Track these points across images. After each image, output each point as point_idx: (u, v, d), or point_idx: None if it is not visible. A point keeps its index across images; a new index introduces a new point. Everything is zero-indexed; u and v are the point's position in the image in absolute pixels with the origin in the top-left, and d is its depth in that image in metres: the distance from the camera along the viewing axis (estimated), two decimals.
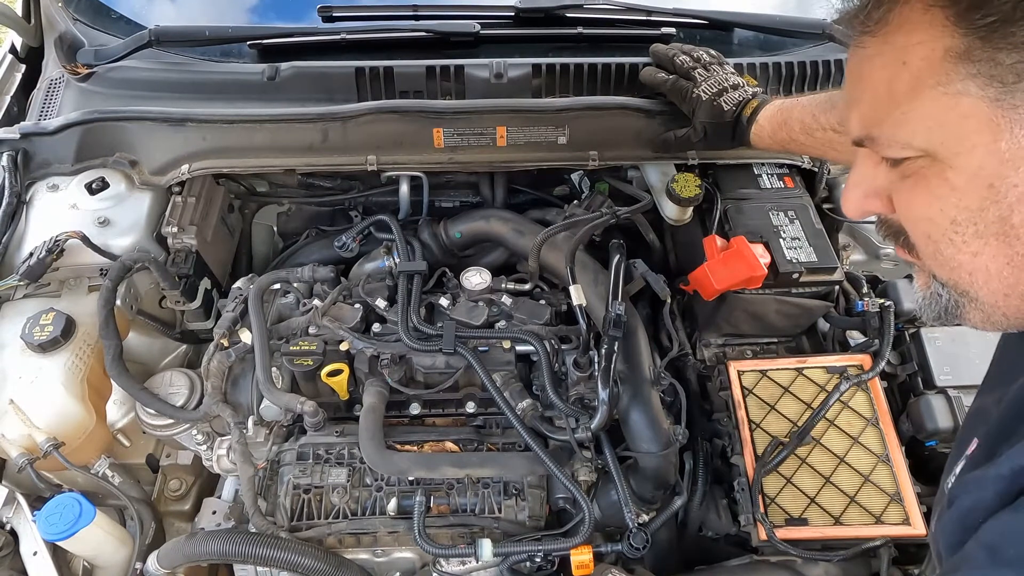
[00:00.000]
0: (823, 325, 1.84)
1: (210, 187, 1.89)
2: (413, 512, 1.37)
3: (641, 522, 1.41)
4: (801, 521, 1.50)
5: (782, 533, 1.46)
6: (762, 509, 1.49)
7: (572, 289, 1.52)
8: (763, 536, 1.46)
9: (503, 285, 1.70)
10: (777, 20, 1.90)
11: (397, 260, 1.69)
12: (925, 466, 1.61)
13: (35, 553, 1.42)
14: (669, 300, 1.63)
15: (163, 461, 1.76)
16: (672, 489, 1.51)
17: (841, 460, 1.56)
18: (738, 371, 1.70)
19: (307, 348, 1.53)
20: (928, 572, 1.49)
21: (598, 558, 1.43)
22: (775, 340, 1.87)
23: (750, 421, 1.63)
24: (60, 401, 1.51)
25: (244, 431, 1.50)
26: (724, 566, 1.50)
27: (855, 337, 1.77)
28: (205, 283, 1.81)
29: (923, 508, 1.49)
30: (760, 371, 1.70)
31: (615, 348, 1.46)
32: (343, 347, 1.56)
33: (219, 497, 1.62)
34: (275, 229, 2.19)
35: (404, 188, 1.89)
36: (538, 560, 1.35)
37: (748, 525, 1.50)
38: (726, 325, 1.78)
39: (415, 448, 1.51)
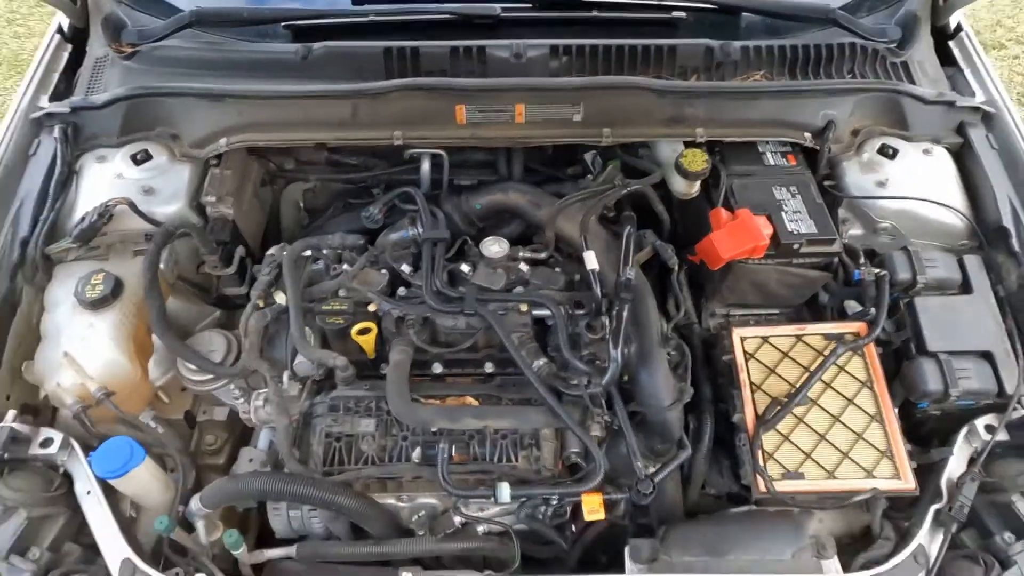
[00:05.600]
0: (823, 297, 1.94)
1: (245, 161, 2.00)
2: (437, 459, 1.48)
3: (648, 472, 1.52)
4: (798, 475, 1.60)
5: (780, 486, 1.57)
6: (762, 464, 1.60)
7: (586, 255, 1.63)
8: (763, 488, 1.57)
9: (520, 254, 1.80)
10: (784, 5, 1.99)
11: (421, 229, 1.80)
12: (916, 429, 1.71)
13: (88, 492, 1.54)
14: (677, 268, 1.73)
15: (200, 417, 1.87)
16: (678, 443, 1.61)
17: (836, 419, 1.66)
18: (741, 337, 1.80)
19: (338, 308, 1.64)
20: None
21: (609, 507, 1.55)
22: (776, 311, 1.97)
23: (751, 384, 1.73)
24: (109, 355, 1.63)
25: (280, 385, 1.62)
26: (726, 514, 1.61)
27: (853, 307, 1.87)
28: (240, 251, 1.92)
29: (913, 464, 1.59)
30: (762, 337, 1.80)
31: (625, 310, 1.57)
32: (371, 308, 1.68)
33: (255, 448, 1.74)
34: (301, 205, 2.29)
35: (425, 166, 1.99)
36: (553, 503, 1.46)
37: (748, 478, 1.60)
38: (730, 295, 1.89)
39: (438, 402, 1.62)
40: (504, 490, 1.44)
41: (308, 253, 1.82)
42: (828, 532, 1.51)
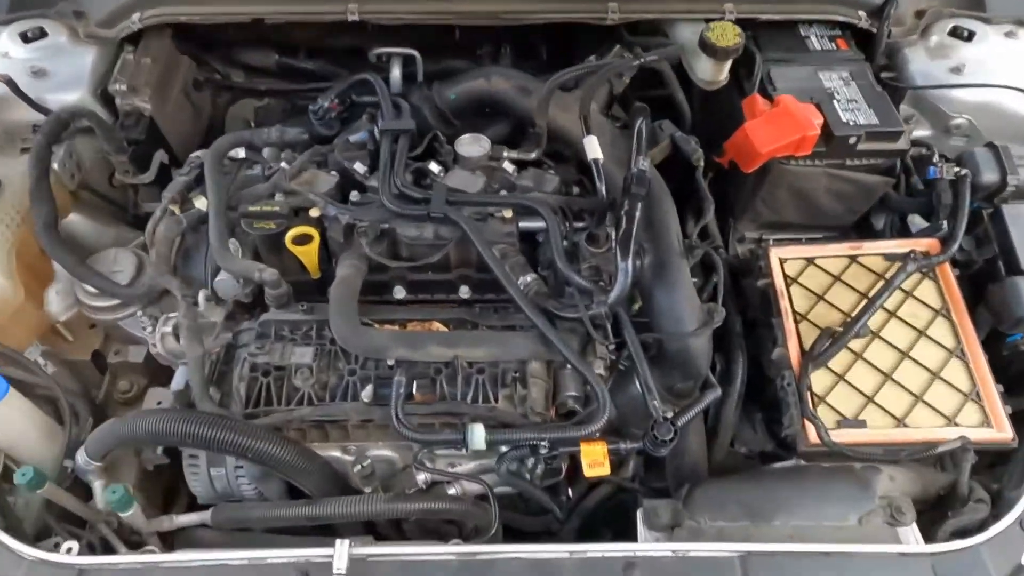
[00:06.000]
0: (878, 221, 1.58)
1: (170, 53, 1.64)
2: (390, 398, 1.12)
3: (667, 416, 1.16)
4: (858, 423, 1.25)
5: (836, 435, 1.21)
6: (812, 408, 1.24)
7: (587, 142, 1.27)
8: (813, 438, 1.21)
9: (505, 154, 1.44)
10: None
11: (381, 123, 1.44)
12: (1006, 368, 1.35)
13: None
14: (702, 164, 1.36)
15: (111, 359, 1.51)
16: (703, 383, 1.26)
17: (905, 355, 1.31)
18: (780, 259, 1.44)
19: (270, 209, 1.29)
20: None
21: (615, 465, 1.20)
22: (819, 235, 1.62)
23: (795, 312, 1.37)
24: None
25: (194, 307, 1.26)
26: (766, 470, 1.25)
27: (918, 224, 1.51)
28: (161, 156, 1.57)
29: (1008, 409, 1.24)
30: (806, 259, 1.44)
31: (638, 209, 1.21)
32: (313, 213, 1.32)
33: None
34: (252, 125, 1.94)
35: (396, 72, 1.64)
36: (543, 452, 1.10)
37: (793, 427, 1.25)
38: (766, 209, 1.53)
39: (396, 327, 1.26)
40: (477, 433, 1.08)
41: (241, 155, 1.47)
42: (902, 493, 1.15)
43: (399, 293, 1.38)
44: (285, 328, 1.27)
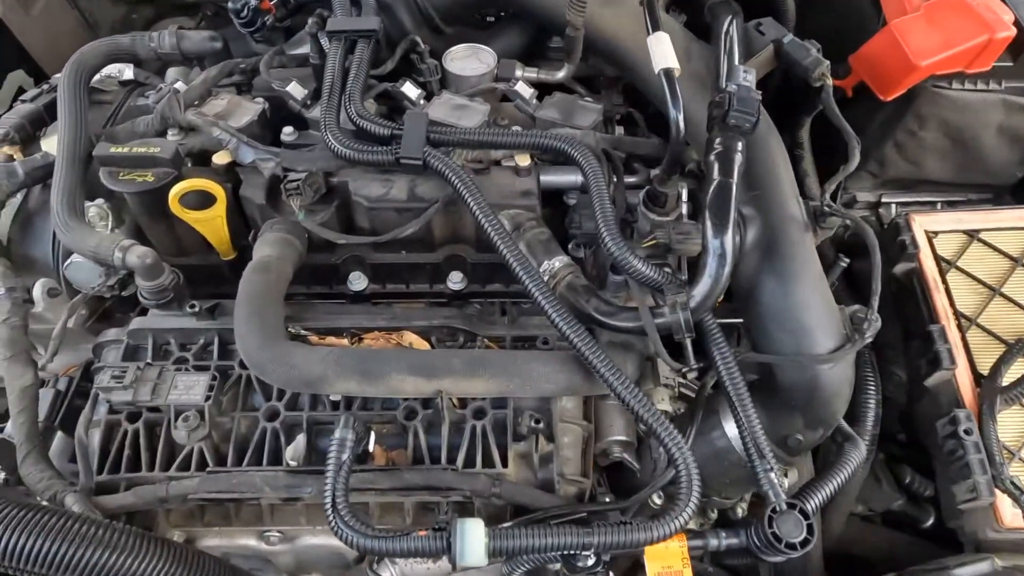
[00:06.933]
0: None
1: None
2: (328, 461, 0.66)
3: (789, 489, 0.70)
4: None
5: None
6: (1008, 471, 0.78)
7: (653, 41, 0.78)
8: (1012, 521, 0.75)
9: (517, 72, 0.96)
10: None
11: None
12: None
13: None
14: (829, 81, 0.87)
15: None
16: (838, 435, 0.79)
17: None
18: (927, 231, 0.97)
19: (143, 152, 0.81)
20: None
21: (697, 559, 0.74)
22: (962, 197, 1.14)
23: (958, 314, 0.90)
24: None
25: (24, 304, 0.79)
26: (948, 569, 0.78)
27: None
28: (19, 76, 1.08)
29: None
30: (967, 232, 0.97)
31: (739, 151, 0.73)
32: (220, 159, 0.84)
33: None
34: None
35: None
36: (585, 565, 0.64)
37: (975, 499, 0.78)
38: (899, 157, 1.07)
39: (344, 340, 0.79)
40: (472, 538, 0.62)
41: (128, 75, 0.99)
42: None
43: (357, 283, 0.91)
44: (172, 339, 0.81)
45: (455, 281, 0.92)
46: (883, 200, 1.14)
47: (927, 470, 1.02)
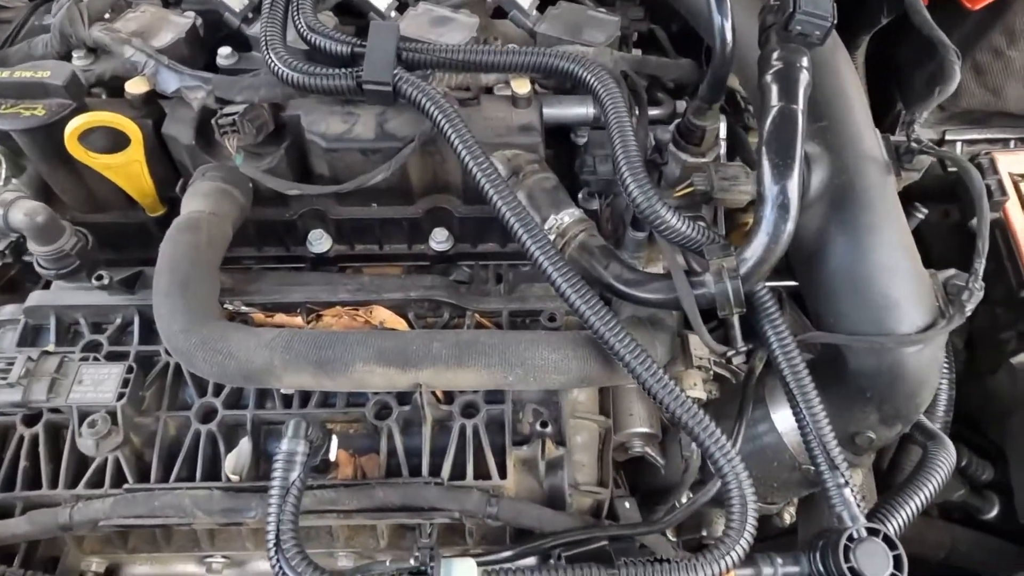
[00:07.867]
0: None
1: None
2: (272, 480, 0.50)
3: (862, 507, 0.55)
4: None
5: None
6: None
7: None
8: None
9: None
10: None
11: None
12: None
13: None
14: None
15: None
16: (915, 429, 0.64)
17: None
18: (1012, 174, 0.79)
19: (29, 77, 0.62)
20: None
21: None
22: None
23: None
24: None
25: None
26: None
27: None
28: None
29: None
30: None
31: (804, 68, 0.56)
32: (133, 87, 0.66)
33: None
34: None
35: None
36: None
37: None
38: (977, 85, 0.87)
39: (297, 316, 0.63)
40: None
41: None
42: None
43: (319, 244, 0.74)
44: (79, 321, 0.64)
45: (439, 240, 0.75)
46: (946, 137, 0.96)
47: (980, 450, 0.90)
